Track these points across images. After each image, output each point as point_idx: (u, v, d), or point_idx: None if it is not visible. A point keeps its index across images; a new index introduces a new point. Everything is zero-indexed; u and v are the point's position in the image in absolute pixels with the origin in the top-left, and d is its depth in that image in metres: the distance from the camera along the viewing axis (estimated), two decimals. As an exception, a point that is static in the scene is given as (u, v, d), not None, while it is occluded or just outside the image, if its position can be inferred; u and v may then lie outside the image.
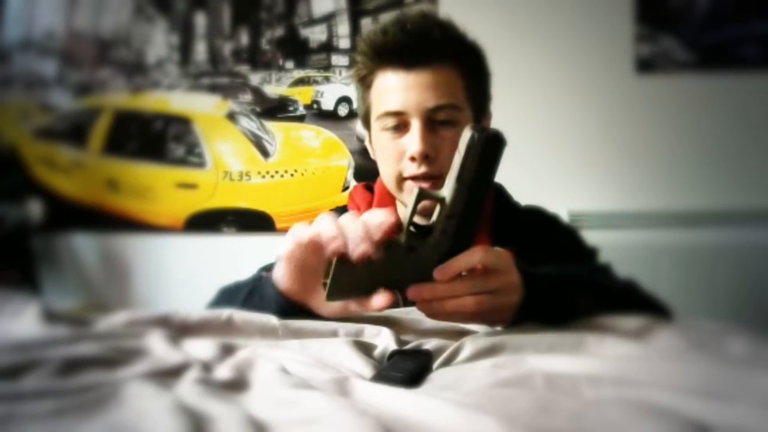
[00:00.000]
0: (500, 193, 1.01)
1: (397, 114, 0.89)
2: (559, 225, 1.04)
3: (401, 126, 0.89)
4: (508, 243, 0.74)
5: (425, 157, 0.86)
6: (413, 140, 0.87)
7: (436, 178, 0.87)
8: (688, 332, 0.61)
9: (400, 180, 0.90)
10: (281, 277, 0.70)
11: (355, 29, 1.98)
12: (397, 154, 0.89)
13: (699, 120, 1.81)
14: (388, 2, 1.95)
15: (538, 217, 1.02)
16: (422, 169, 0.87)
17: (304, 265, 0.68)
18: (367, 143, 1.01)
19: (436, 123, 0.88)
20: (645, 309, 0.70)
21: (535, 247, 0.74)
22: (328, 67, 2.00)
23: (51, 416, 0.39)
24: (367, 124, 0.97)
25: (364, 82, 0.93)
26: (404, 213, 0.71)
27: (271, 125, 2.04)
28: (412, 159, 0.87)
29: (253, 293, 0.79)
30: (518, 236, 0.84)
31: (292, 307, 0.70)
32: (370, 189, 1.03)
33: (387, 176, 0.93)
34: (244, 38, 2.05)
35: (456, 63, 0.90)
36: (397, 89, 0.88)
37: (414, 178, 0.88)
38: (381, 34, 0.90)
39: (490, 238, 0.91)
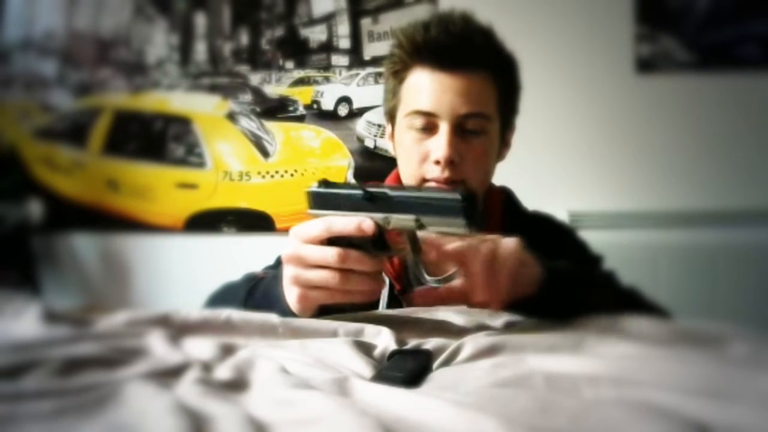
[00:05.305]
0: (509, 197, 1.00)
1: (427, 114, 0.87)
2: (565, 232, 1.04)
3: (429, 127, 0.87)
4: None
5: (450, 163, 0.85)
6: (440, 144, 0.85)
7: (458, 183, 0.86)
8: (688, 332, 0.61)
9: (422, 182, 0.89)
10: (290, 301, 0.70)
11: (355, 29, 1.98)
12: (421, 156, 0.88)
13: (699, 120, 1.81)
14: (388, 2, 1.95)
15: (546, 224, 1.02)
16: (446, 174, 0.85)
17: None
18: (387, 138, 1.00)
19: (465, 130, 0.87)
20: (647, 314, 0.70)
21: (543, 252, 0.74)
22: (328, 67, 2.00)
23: (51, 416, 0.39)
24: (392, 119, 0.95)
25: (397, 76, 0.91)
26: None
27: (271, 125, 2.04)
28: (437, 162, 0.86)
29: (255, 290, 0.79)
30: (527, 242, 0.84)
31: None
32: None
33: (408, 176, 0.91)
34: (244, 38, 2.05)
35: (492, 72, 0.88)
36: (431, 89, 0.87)
37: (436, 182, 0.87)
38: (422, 30, 0.88)
39: None
